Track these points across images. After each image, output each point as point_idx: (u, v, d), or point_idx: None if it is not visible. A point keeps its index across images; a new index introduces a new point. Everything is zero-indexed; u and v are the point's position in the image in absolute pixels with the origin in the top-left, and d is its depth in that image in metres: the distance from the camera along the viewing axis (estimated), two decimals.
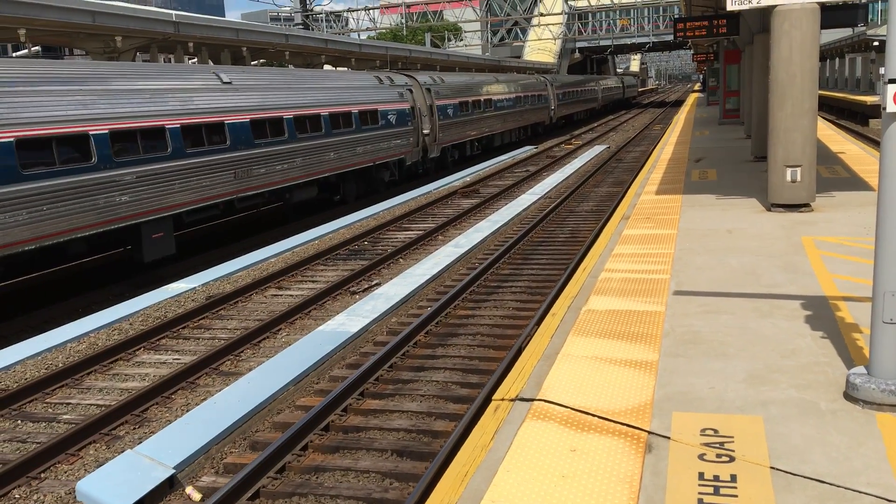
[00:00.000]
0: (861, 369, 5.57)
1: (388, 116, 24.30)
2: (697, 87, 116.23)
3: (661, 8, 68.24)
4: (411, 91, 26.72)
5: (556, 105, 48.98)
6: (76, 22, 17.70)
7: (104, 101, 13.44)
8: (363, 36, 62.69)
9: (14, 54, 17.40)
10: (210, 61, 24.86)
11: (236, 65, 25.02)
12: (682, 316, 7.63)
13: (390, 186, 25.82)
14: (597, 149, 36.00)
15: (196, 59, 24.69)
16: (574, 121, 57.54)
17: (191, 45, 22.44)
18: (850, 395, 5.47)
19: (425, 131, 27.32)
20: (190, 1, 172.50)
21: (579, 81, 58.91)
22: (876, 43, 44.62)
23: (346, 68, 34.52)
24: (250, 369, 9.39)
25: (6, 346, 10.69)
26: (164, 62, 26.94)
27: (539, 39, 68.14)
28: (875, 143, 30.16)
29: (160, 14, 21.11)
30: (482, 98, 34.14)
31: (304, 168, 19.40)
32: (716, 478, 4.56)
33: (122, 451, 7.27)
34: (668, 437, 5.10)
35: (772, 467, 4.65)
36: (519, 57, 67.63)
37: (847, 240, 10.48)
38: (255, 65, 28.19)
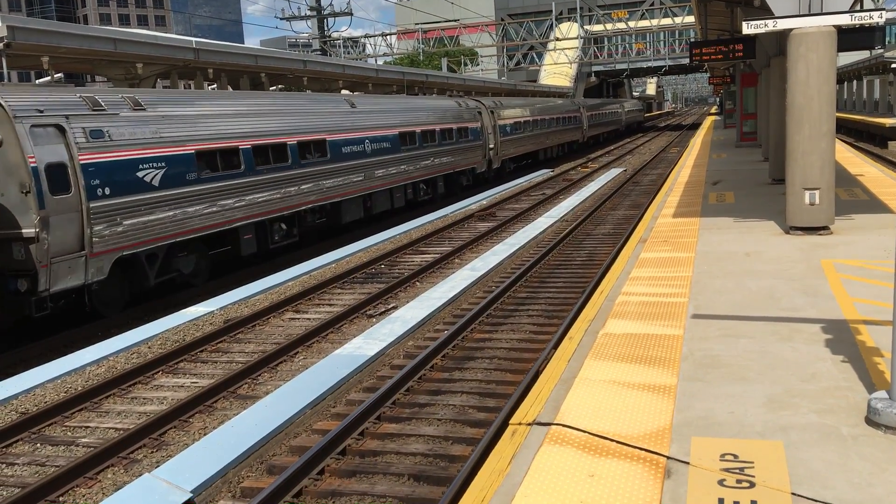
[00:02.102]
0: (883, 394, 5.50)
1: None
2: (714, 109, 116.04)
3: (676, 32, 68.49)
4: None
5: (498, 142, 34.03)
6: (98, 49, 17.98)
7: None
8: (380, 61, 63.28)
9: (37, 81, 17.67)
10: (230, 87, 25.14)
11: (255, 90, 25.29)
12: (701, 340, 7.58)
13: None
14: (613, 171, 35.99)
15: (216, 86, 24.97)
16: (540, 160, 43.04)
17: (210, 71, 22.72)
18: (872, 419, 5.40)
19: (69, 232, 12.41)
20: (209, 27, 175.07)
21: (543, 107, 43.06)
22: (894, 65, 44.49)
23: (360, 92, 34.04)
24: (268, 393, 9.40)
25: (27, 370, 10.77)
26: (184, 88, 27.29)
27: (555, 64, 68.45)
28: (894, 166, 29.98)
29: (180, 41, 21.44)
30: (296, 138, 18.62)
31: None
32: None
33: (140, 475, 7.28)
34: (688, 463, 5.05)
35: (793, 493, 4.60)
36: (535, 81, 67.84)
37: (867, 263, 10.39)
38: (273, 90, 28.38)
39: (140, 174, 13.87)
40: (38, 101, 12.68)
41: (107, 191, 13.20)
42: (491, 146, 33.10)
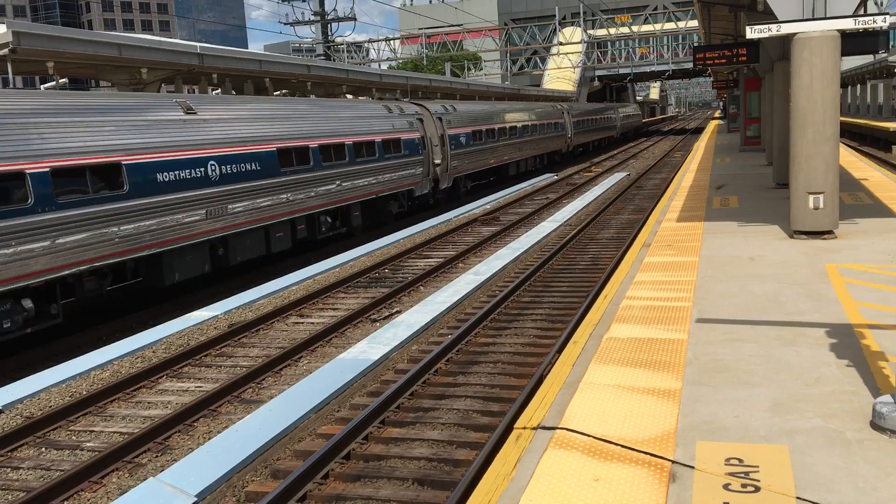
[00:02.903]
0: (888, 398, 5.49)
1: None
2: (718, 114, 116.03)
3: (680, 36, 68.55)
4: None
5: (448, 156, 27.40)
6: (103, 54, 18.02)
7: None
8: (384, 66, 63.39)
9: (42, 86, 17.73)
10: (234, 91, 25.20)
11: (259, 95, 25.34)
12: (705, 344, 7.58)
13: None
14: (617, 176, 35.99)
15: (220, 90, 25.01)
16: (512, 176, 36.99)
17: (215, 76, 22.77)
18: (877, 424, 5.39)
19: None
20: (213, 33, 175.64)
21: (514, 112, 36.41)
22: None
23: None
24: (272, 397, 9.42)
25: (32, 374, 10.79)
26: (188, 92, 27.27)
27: (558, 68, 68.54)
28: None
29: (185, 46, 21.47)
30: (47, 163, 11.67)
31: None
32: None
33: (145, 479, 7.29)
34: (693, 467, 5.05)
35: (798, 497, 4.59)
36: (538, 85, 67.84)
37: (872, 267, 10.38)
38: (277, 94, 28.43)
39: None
40: None
41: None
42: (437, 161, 26.50)
